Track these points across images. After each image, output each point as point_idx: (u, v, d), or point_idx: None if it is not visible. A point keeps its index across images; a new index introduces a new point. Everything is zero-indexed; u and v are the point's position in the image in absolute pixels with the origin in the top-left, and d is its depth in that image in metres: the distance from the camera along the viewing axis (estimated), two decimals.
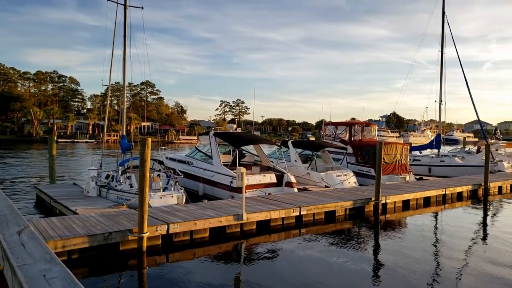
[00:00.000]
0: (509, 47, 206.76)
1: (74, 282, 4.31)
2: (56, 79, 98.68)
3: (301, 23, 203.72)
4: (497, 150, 25.93)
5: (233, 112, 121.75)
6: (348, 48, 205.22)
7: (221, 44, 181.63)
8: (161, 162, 13.73)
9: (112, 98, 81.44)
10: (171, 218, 8.81)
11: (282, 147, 17.14)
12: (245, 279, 6.99)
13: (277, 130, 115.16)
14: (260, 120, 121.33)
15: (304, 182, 15.49)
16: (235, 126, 16.43)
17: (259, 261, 7.98)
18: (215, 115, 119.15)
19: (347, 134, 20.32)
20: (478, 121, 30.05)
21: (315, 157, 17.01)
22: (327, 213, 11.29)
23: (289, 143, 17.55)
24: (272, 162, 15.26)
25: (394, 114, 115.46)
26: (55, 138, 17.12)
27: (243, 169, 9.32)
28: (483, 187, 16.73)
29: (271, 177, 13.39)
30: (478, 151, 26.07)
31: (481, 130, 32.17)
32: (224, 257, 8.13)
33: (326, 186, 14.96)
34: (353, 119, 55.66)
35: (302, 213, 10.63)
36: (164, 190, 11.19)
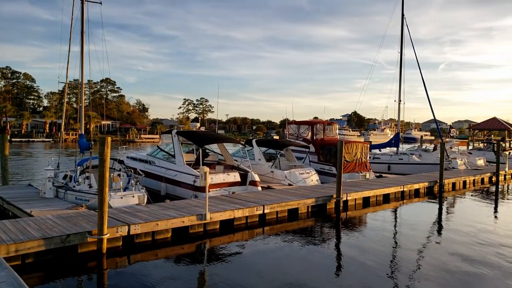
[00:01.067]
0: (462, 49, 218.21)
1: (23, 286, 4.11)
2: (9, 75, 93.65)
3: (263, 22, 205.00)
4: (451, 148, 27.29)
5: (196, 110, 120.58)
6: (310, 48, 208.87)
7: (184, 41, 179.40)
8: (121, 162, 13.36)
9: (70, 96, 78.20)
10: (132, 219, 8.60)
11: (246, 146, 17.17)
12: (209, 278, 6.96)
13: (241, 129, 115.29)
14: (224, 119, 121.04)
15: (268, 181, 15.61)
16: (198, 124, 16.40)
17: (222, 260, 7.96)
18: (178, 114, 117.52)
19: (310, 133, 20.68)
20: (434, 121, 31.41)
21: (278, 156, 17.18)
22: (290, 211, 11.44)
23: (253, 142, 17.62)
24: (236, 161, 15.26)
25: (355, 113, 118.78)
26: (8, 137, 16.23)
27: (206, 168, 9.26)
28: (438, 183, 17.55)
29: (235, 176, 13.38)
30: (434, 149, 27.29)
31: (437, 129, 33.72)
32: (187, 257, 8.05)
33: (289, 184, 15.15)
34: (316, 118, 56.68)
35: (266, 211, 10.70)
36: (124, 190, 10.90)
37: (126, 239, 8.18)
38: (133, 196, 10.76)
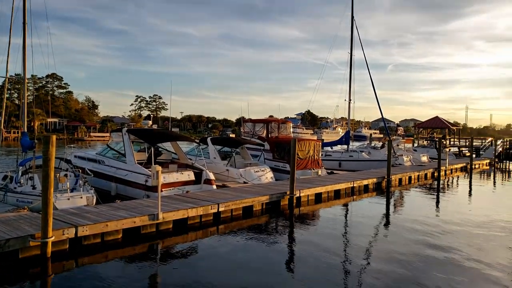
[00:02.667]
0: (408, 52, 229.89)
1: None
2: None
3: (217, 19, 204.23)
4: (398, 145, 28.66)
5: (149, 108, 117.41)
6: (265, 47, 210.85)
7: (135, 36, 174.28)
8: (68, 161, 12.75)
9: (12, 92, 73.39)
10: (80, 220, 8.23)
11: (201, 144, 17.00)
12: (162, 279, 6.83)
13: (197, 127, 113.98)
14: (179, 117, 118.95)
15: (223, 179, 15.57)
16: (150, 122, 15.89)
17: (176, 260, 7.84)
18: (130, 111, 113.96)
19: (265, 131, 20.87)
20: (382, 119, 32.87)
21: (234, 154, 17.18)
22: (244, 209, 11.48)
23: (208, 140, 17.49)
24: (190, 159, 15.06)
25: (308, 112, 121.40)
26: None
27: (158, 167, 9.05)
28: (386, 179, 18.37)
29: (189, 175, 13.21)
30: (382, 146, 28.51)
31: (385, 128, 35.29)
32: (139, 258, 7.84)
33: (244, 182, 15.20)
34: (271, 116, 57.23)
35: (220, 209, 10.66)
36: (72, 190, 10.41)
37: (73, 241, 7.81)
38: (81, 197, 10.31)
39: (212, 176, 13.63)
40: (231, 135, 23.48)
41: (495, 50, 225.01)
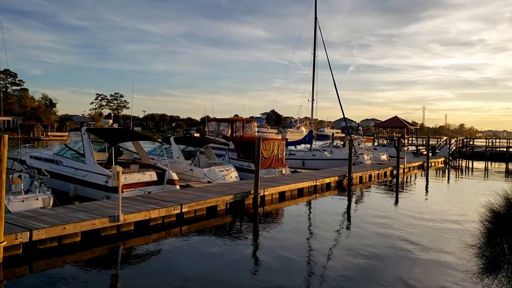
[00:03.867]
0: (369, 53, 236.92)
1: None
2: None
3: (180, 17, 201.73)
4: (359, 144, 29.47)
5: (110, 106, 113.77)
6: (229, 45, 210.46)
7: (95, 33, 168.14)
8: (22, 162, 12.15)
9: None
10: (35, 223, 7.86)
11: (163, 143, 16.72)
12: (123, 281, 6.66)
13: (160, 126, 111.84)
14: (141, 115, 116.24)
15: (187, 179, 15.39)
16: (111, 121, 15.41)
17: (137, 262, 7.66)
18: (90, 110, 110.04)
19: (229, 131, 20.83)
20: (344, 119, 33.70)
21: (198, 153, 17.02)
22: (208, 209, 11.41)
23: (171, 139, 17.23)
24: (153, 159, 14.78)
25: (273, 111, 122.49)
26: None
27: (119, 168, 8.81)
28: (347, 177, 18.85)
29: (151, 175, 12.95)
30: (344, 145, 29.25)
31: (346, 127, 36.22)
32: (99, 261, 7.60)
33: (208, 182, 15.10)
34: (236, 115, 57.20)
35: (184, 210, 10.54)
36: (26, 192, 9.92)
37: (27, 246, 7.45)
38: (37, 199, 9.84)
39: (175, 176, 13.44)
40: (195, 135, 23.23)
41: (449, 53, 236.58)
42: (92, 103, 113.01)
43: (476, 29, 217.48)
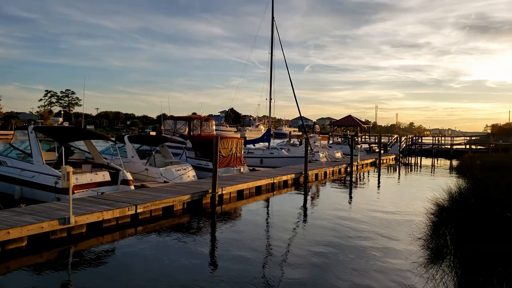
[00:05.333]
0: (324, 54, 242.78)
1: None
2: None
3: (136, 12, 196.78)
4: (314, 142, 30.16)
5: (61, 103, 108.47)
6: (186, 43, 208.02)
7: (44, 26, 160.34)
8: None
9: None
10: None
11: (117, 142, 16.19)
12: (74, 286, 6.37)
13: (114, 124, 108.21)
14: (94, 113, 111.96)
15: (142, 179, 15.03)
16: (61, 119, 14.68)
17: (90, 265, 7.37)
18: (39, 107, 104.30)
19: (187, 129, 20.55)
20: (300, 118, 34.35)
21: (153, 153, 16.64)
22: (165, 209, 11.20)
23: (125, 138, 16.71)
24: (106, 159, 14.26)
25: (232, 110, 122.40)
26: None
27: (69, 168, 8.43)
28: (303, 175, 19.22)
29: (104, 175, 12.50)
30: (301, 143, 29.80)
31: (303, 126, 36.90)
32: (48, 266, 7.23)
33: (165, 182, 14.82)
34: (194, 113, 56.53)
35: (139, 211, 10.27)
36: None
37: None
38: None
39: (129, 176, 13.07)
40: (151, 133, 22.67)
41: (399, 55, 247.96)
42: (41, 100, 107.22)
43: (422, 33, 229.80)
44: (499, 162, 20.09)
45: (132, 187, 12.90)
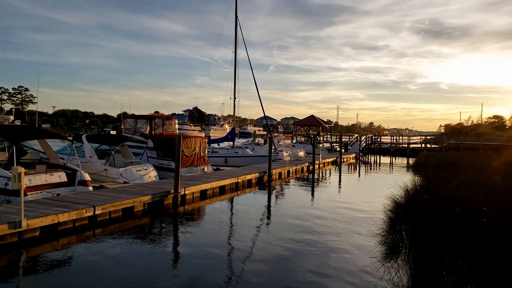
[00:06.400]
0: (287, 54, 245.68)
1: None
2: None
3: (95, 7, 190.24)
4: (278, 142, 30.44)
5: (13, 101, 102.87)
6: (148, 40, 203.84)
7: None
8: None
9: None
10: None
11: (74, 142, 15.59)
12: None
13: (72, 123, 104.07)
14: (51, 111, 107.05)
15: (101, 179, 14.55)
16: (12, 117, 13.90)
17: (43, 271, 7.02)
18: None
19: (148, 128, 20.11)
20: (264, 117, 34.53)
21: (113, 152, 16.16)
22: (125, 210, 10.90)
23: (83, 137, 16.11)
24: (62, 159, 13.69)
25: (196, 108, 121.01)
26: None
27: (21, 169, 8.01)
28: (267, 173, 19.34)
29: (60, 176, 11.99)
30: (265, 143, 29.98)
31: (267, 125, 37.14)
32: None
33: (125, 182, 14.43)
34: (157, 112, 55.39)
35: (97, 212, 9.94)
36: None
37: None
38: None
39: (87, 177, 12.61)
40: (111, 132, 22.01)
41: (359, 56, 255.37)
42: None
43: (382, 36, 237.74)
44: (450, 160, 21.18)
45: (90, 188, 12.46)
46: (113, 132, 21.26)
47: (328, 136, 52.67)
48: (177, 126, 22.84)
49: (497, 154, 24.19)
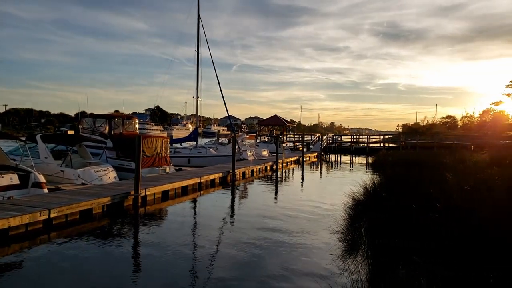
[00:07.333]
0: (250, 54, 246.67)
1: None
2: None
3: (50, 2, 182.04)
4: (242, 141, 30.47)
5: None
6: (106, 37, 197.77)
7: None
8: None
9: None
10: None
11: (27, 142, 14.85)
12: None
13: (26, 122, 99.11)
14: (1, 110, 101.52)
15: (58, 181, 13.94)
16: None
17: None
18: None
19: (107, 127, 19.51)
20: (228, 117, 34.50)
21: (70, 153, 15.53)
22: (82, 212, 10.51)
23: (38, 137, 15.36)
24: (14, 160, 12.99)
25: (158, 107, 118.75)
26: None
27: None
28: (231, 173, 19.31)
29: (11, 178, 11.37)
30: (229, 142, 29.92)
31: (230, 125, 37.06)
32: None
33: (83, 184, 13.92)
34: (117, 111, 53.87)
35: (52, 215, 9.51)
36: None
37: None
38: None
39: (42, 179, 12.04)
40: (69, 132, 21.16)
41: (321, 57, 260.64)
42: None
43: (342, 37, 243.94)
44: (407, 159, 22.07)
45: (45, 190, 11.91)
46: (70, 132, 20.46)
47: (291, 135, 53.37)
48: (137, 126, 22.31)
49: (449, 152, 25.47)
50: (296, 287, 6.32)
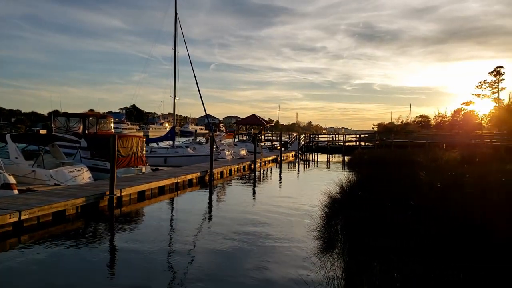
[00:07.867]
0: (228, 53, 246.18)
1: None
2: None
3: None
4: (220, 140, 30.34)
5: None
6: (80, 34, 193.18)
7: None
8: None
9: None
10: None
11: None
12: None
13: None
14: None
15: (29, 182, 13.51)
16: None
17: None
18: None
19: (81, 127, 19.06)
20: (206, 116, 34.22)
21: (42, 153, 15.08)
22: (55, 214, 10.22)
23: (7, 136, 14.85)
24: None
25: (134, 106, 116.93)
26: None
27: None
28: (208, 173, 19.20)
29: None
30: (207, 141, 29.73)
31: (208, 124, 36.84)
32: None
33: (56, 184, 13.54)
34: (92, 110, 52.74)
35: (23, 217, 9.21)
36: None
37: None
38: None
39: (12, 180, 11.64)
40: (41, 131, 20.57)
41: (298, 57, 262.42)
42: None
43: (319, 37, 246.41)
44: (382, 157, 22.53)
45: (16, 192, 11.52)
46: (43, 131, 19.88)
47: (269, 134, 53.54)
48: (113, 125, 21.87)
49: (423, 151, 26.16)
50: (273, 285, 6.36)
